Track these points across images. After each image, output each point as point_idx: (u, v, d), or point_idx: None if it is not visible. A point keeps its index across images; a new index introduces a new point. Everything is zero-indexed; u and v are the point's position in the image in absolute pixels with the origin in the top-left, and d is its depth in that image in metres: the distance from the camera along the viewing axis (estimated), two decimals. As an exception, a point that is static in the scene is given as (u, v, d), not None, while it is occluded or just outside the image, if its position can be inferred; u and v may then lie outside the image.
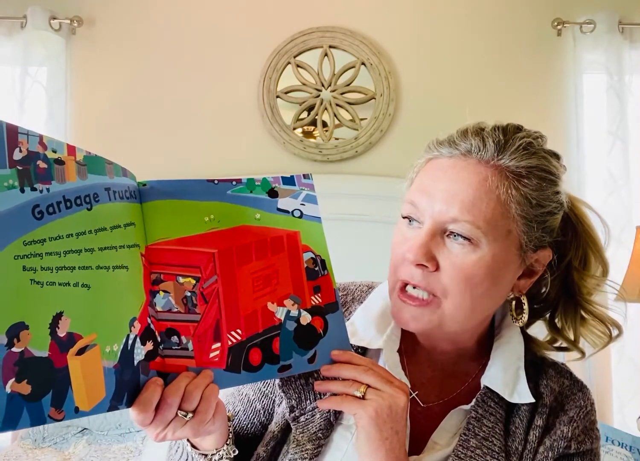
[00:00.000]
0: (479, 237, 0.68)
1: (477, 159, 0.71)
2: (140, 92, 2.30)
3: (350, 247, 1.97)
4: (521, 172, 0.70)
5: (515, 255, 0.72)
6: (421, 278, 0.71)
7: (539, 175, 0.71)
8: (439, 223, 0.70)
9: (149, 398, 0.58)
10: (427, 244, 0.70)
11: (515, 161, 0.70)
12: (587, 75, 2.24)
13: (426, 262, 0.69)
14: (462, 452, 0.72)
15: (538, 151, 0.73)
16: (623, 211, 2.15)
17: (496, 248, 0.69)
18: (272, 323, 0.68)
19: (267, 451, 0.77)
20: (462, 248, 0.69)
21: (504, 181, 0.70)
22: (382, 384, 0.66)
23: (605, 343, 0.79)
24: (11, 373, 0.48)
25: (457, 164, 0.71)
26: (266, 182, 0.72)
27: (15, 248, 0.50)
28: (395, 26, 2.29)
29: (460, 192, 0.69)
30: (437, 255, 0.70)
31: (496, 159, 0.70)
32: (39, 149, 0.53)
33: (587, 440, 0.76)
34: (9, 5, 2.25)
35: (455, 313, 0.71)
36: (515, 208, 0.69)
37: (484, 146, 0.71)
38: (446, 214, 0.69)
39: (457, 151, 0.72)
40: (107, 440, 1.92)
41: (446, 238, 0.70)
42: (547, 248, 0.75)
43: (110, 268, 0.58)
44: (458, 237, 0.69)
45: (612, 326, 0.79)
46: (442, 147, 0.74)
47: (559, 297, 0.81)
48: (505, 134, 0.72)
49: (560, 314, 0.82)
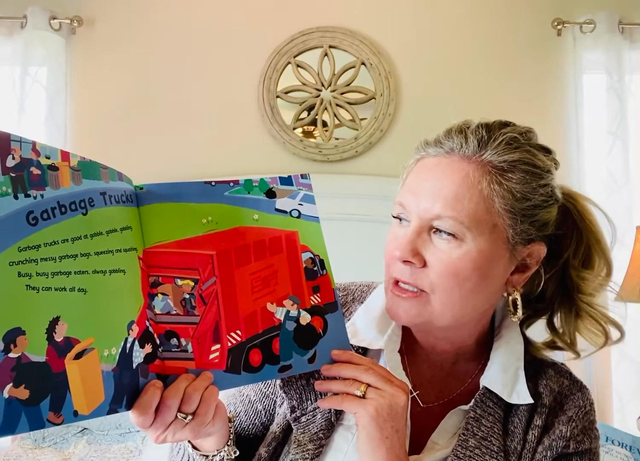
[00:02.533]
0: (463, 232, 0.69)
1: (460, 156, 0.72)
2: (140, 92, 2.29)
3: (350, 247, 1.96)
4: (504, 167, 0.71)
5: (504, 249, 0.72)
6: (409, 275, 0.72)
7: (522, 168, 0.71)
8: (425, 220, 0.71)
9: (148, 400, 0.58)
10: (414, 241, 0.71)
11: (497, 156, 0.71)
12: (587, 75, 2.23)
13: (412, 258, 0.70)
14: (461, 452, 0.72)
15: (523, 145, 0.73)
16: (623, 211, 2.14)
17: (482, 242, 0.70)
18: (271, 324, 0.68)
19: (269, 451, 0.77)
20: (448, 243, 0.70)
21: (486, 175, 0.70)
22: (383, 383, 0.67)
23: (603, 341, 0.79)
24: (8, 378, 0.48)
25: (441, 162, 0.73)
26: (264, 182, 0.72)
27: (10, 254, 0.50)
28: (395, 26, 2.29)
29: (443, 189, 0.70)
30: (423, 252, 0.71)
31: (478, 154, 0.71)
32: (32, 155, 0.53)
33: (586, 440, 0.77)
34: (9, 5, 2.24)
35: (443, 308, 0.72)
36: (499, 202, 0.70)
37: (466, 143, 0.72)
38: (430, 212, 0.70)
39: (442, 149, 0.73)
40: (107, 440, 1.92)
41: (432, 234, 0.71)
42: (539, 242, 0.74)
43: (106, 272, 0.58)
44: (443, 233, 0.70)
45: (608, 325, 0.79)
46: (429, 147, 0.75)
47: (557, 295, 0.81)
48: (489, 130, 0.73)
49: (558, 314, 0.82)
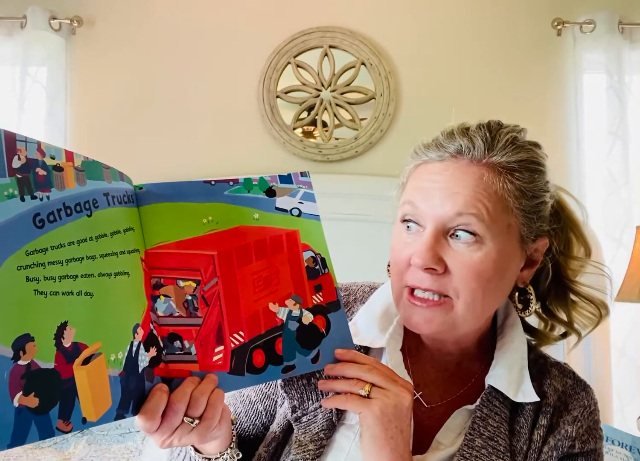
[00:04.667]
0: (483, 232, 0.69)
1: (469, 159, 0.71)
2: (139, 91, 2.29)
3: (350, 247, 1.96)
4: (513, 167, 0.71)
5: (517, 248, 0.73)
6: (431, 282, 0.70)
7: (529, 167, 0.73)
8: (442, 223, 0.70)
9: (155, 405, 0.58)
10: (434, 247, 0.69)
11: (506, 157, 0.71)
12: (587, 75, 2.23)
13: (435, 265, 0.69)
14: (468, 452, 0.72)
15: (524, 144, 0.74)
16: (623, 211, 2.14)
17: (499, 242, 0.70)
18: (274, 324, 0.68)
19: (269, 451, 0.77)
20: (468, 246, 0.69)
21: (498, 176, 0.71)
22: (387, 383, 0.66)
23: (595, 323, 0.80)
24: (18, 386, 0.47)
25: (450, 166, 0.72)
26: (263, 181, 0.71)
27: (18, 258, 0.49)
28: (395, 26, 2.29)
29: (460, 191, 0.70)
30: (444, 257, 0.70)
31: (487, 157, 0.71)
32: (37, 156, 0.52)
33: (591, 440, 0.77)
34: (9, 5, 2.24)
35: (467, 312, 0.71)
36: (513, 202, 0.71)
37: (473, 145, 0.72)
38: (450, 211, 0.69)
39: (447, 153, 0.73)
40: (107, 440, 1.91)
41: (449, 239, 0.70)
42: (544, 236, 0.76)
43: (112, 275, 0.57)
44: (461, 235, 0.69)
45: (600, 307, 0.80)
46: (430, 151, 0.74)
47: (550, 282, 0.82)
48: (490, 131, 0.73)
49: (551, 299, 0.83)
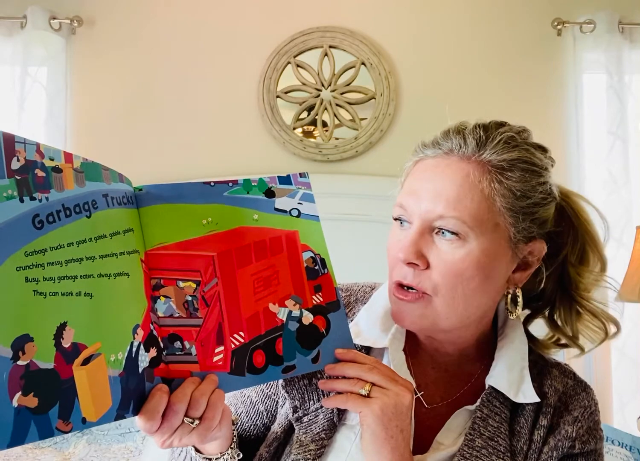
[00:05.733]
0: (466, 232, 0.69)
1: (459, 156, 0.72)
2: (140, 92, 2.29)
3: (350, 247, 1.96)
4: (503, 166, 0.71)
5: (506, 248, 0.72)
6: (412, 277, 0.72)
7: (521, 167, 0.72)
8: (427, 221, 0.71)
9: (155, 405, 0.58)
10: (417, 242, 0.71)
11: (496, 155, 0.71)
12: (587, 75, 2.23)
13: (416, 260, 0.70)
14: (468, 452, 0.72)
15: (520, 144, 0.74)
16: (623, 211, 2.14)
17: (484, 241, 0.70)
18: (274, 324, 0.68)
19: (270, 451, 0.77)
20: (451, 244, 0.70)
21: (487, 175, 0.71)
22: (387, 382, 0.66)
23: (601, 338, 0.80)
24: (17, 386, 0.47)
25: (440, 163, 0.73)
26: (263, 182, 0.71)
27: (17, 259, 0.49)
28: (395, 26, 2.29)
29: (444, 189, 0.70)
30: (426, 253, 0.71)
31: (477, 154, 0.72)
32: (36, 157, 0.53)
33: (592, 440, 0.77)
34: (9, 5, 2.24)
35: (447, 309, 0.72)
36: (500, 201, 0.70)
37: (465, 143, 0.72)
38: (433, 212, 0.70)
39: (440, 150, 0.74)
40: (107, 439, 1.91)
41: (435, 235, 0.71)
42: (539, 239, 0.75)
43: (111, 276, 0.58)
44: (446, 233, 0.70)
45: (607, 322, 0.80)
46: (427, 148, 0.76)
47: (556, 292, 0.82)
48: (486, 130, 0.73)
49: (558, 311, 0.82)
